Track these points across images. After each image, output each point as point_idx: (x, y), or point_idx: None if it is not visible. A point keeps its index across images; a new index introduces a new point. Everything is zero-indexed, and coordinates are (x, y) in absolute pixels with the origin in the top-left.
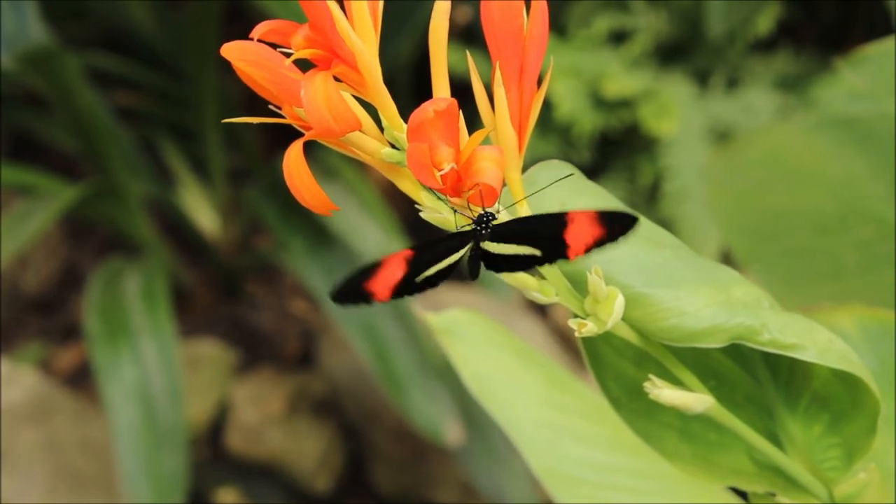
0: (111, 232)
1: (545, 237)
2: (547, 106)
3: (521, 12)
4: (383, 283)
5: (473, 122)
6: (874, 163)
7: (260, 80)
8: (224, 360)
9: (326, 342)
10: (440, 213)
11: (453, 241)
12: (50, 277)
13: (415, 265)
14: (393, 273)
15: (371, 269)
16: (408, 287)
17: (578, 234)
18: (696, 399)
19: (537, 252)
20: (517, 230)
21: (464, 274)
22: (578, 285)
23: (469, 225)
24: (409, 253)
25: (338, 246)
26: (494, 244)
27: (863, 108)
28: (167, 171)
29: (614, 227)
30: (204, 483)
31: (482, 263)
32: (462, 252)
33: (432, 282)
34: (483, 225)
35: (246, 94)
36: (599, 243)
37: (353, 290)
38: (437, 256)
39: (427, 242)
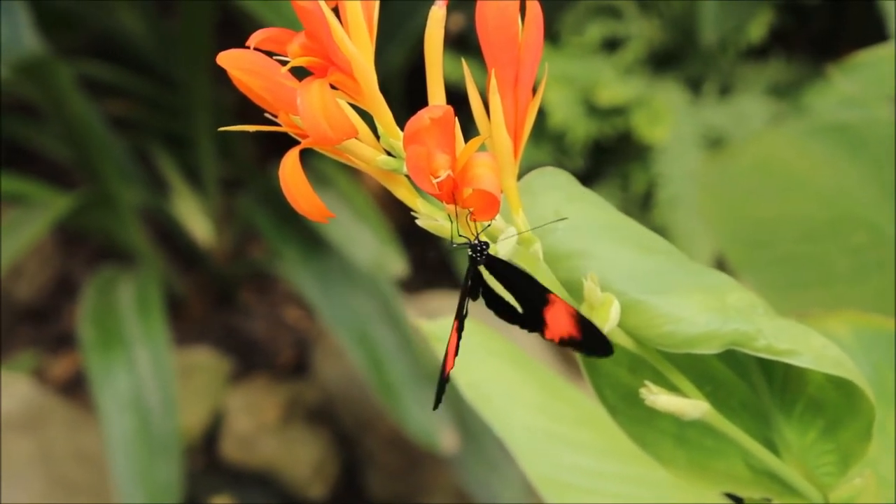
0: (104, 241)
1: (527, 300)
2: (540, 114)
3: (516, 20)
4: (450, 359)
5: (467, 130)
6: (865, 169)
7: (255, 88)
8: (218, 368)
9: (320, 350)
10: (436, 220)
11: (468, 285)
12: (43, 286)
13: (459, 327)
14: (453, 348)
15: (446, 359)
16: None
17: (557, 321)
18: (691, 405)
19: (519, 308)
20: (506, 273)
21: (457, 280)
22: (574, 292)
23: (462, 239)
24: (455, 325)
25: (331, 254)
26: (487, 273)
27: (854, 115)
28: (160, 180)
29: (589, 343)
30: (198, 491)
31: (480, 292)
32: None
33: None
34: (478, 254)
35: (239, 102)
36: (571, 344)
37: (442, 388)
38: (465, 303)
39: (460, 305)
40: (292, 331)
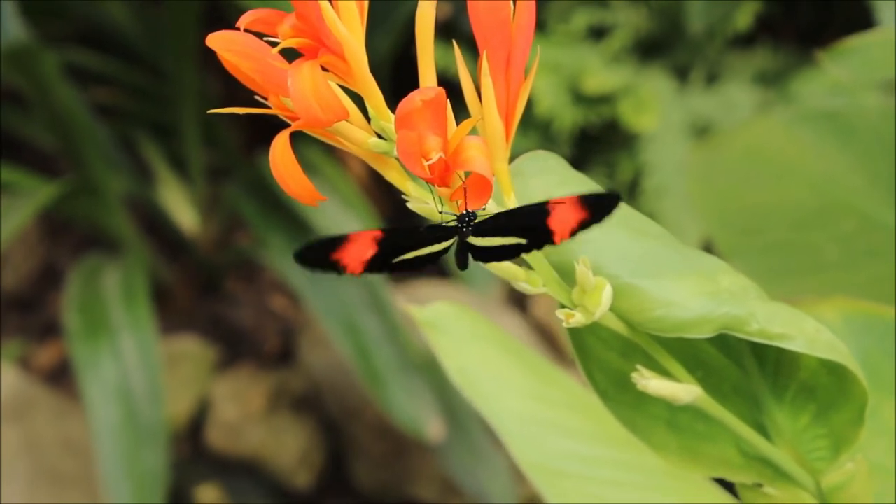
0: (90, 229)
1: (530, 228)
2: (527, 101)
3: (508, 2)
4: (353, 258)
5: (457, 117)
6: (854, 156)
7: (246, 70)
8: (204, 357)
9: (307, 338)
10: (427, 203)
11: (434, 232)
12: (28, 275)
13: (386, 247)
14: (362, 250)
15: (338, 241)
16: (383, 265)
17: (562, 220)
18: (683, 389)
19: (522, 241)
20: (501, 225)
21: (445, 269)
22: (566, 275)
23: (452, 221)
24: (378, 234)
25: None
26: (478, 238)
27: (842, 103)
28: (146, 168)
29: (598, 207)
30: (184, 481)
31: (469, 255)
32: (447, 244)
33: (412, 265)
34: (465, 224)
35: (225, 90)
36: (584, 225)
37: (320, 257)
38: (416, 243)
39: (403, 228)
40: (278, 319)
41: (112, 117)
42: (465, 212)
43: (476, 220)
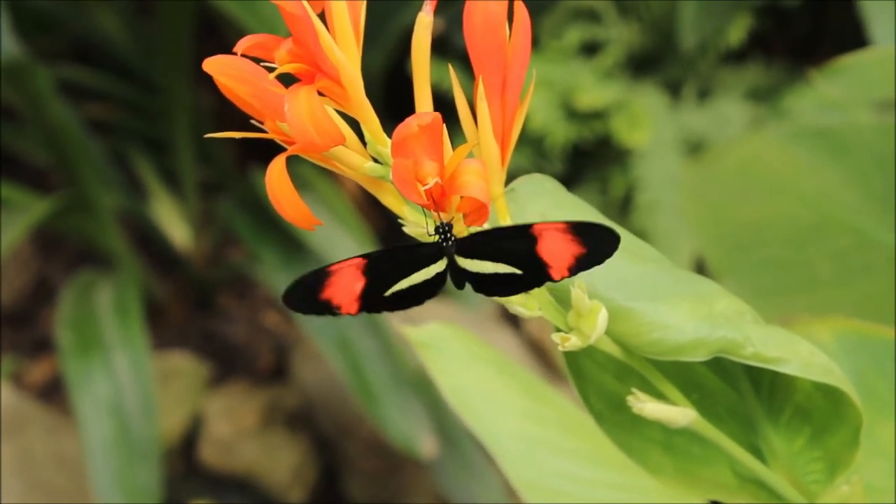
0: (83, 245)
1: (518, 254)
2: None
3: (503, 25)
4: (343, 293)
5: (452, 136)
6: (848, 173)
7: (242, 94)
8: (197, 373)
9: (300, 355)
10: (423, 228)
11: (415, 252)
12: (21, 291)
13: (373, 275)
14: (350, 283)
15: (321, 276)
16: (378, 300)
17: (555, 251)
18: (678, 412)
19: (517, 271)
20: (483, 244)
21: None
22: (562, 299)
23: (433, 235)
24: (360, 261)
25: (311, 258)
26: (466, 260)
27: (834, 119)
28: (139, 184)
29: (596, 244)
30: (177, 497)
31: (469, 283)
32: (439, 266)
33: (412, 298)
34: (443, 235)
35: (218, 105)
36: (583, 263)
37: (308, 298)
38: (401, 267)
39: (383, 252)
40: (271, 335)
41: (105, 132)
42: (441, 223)
43: (454, 237)
